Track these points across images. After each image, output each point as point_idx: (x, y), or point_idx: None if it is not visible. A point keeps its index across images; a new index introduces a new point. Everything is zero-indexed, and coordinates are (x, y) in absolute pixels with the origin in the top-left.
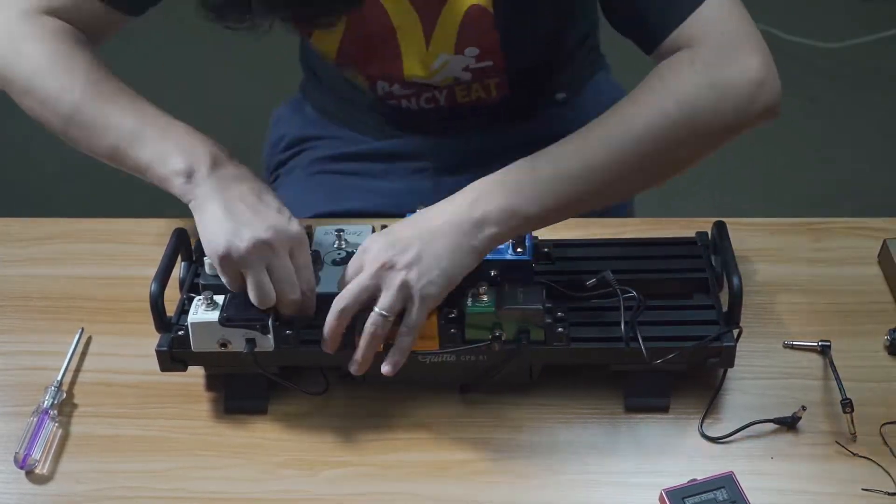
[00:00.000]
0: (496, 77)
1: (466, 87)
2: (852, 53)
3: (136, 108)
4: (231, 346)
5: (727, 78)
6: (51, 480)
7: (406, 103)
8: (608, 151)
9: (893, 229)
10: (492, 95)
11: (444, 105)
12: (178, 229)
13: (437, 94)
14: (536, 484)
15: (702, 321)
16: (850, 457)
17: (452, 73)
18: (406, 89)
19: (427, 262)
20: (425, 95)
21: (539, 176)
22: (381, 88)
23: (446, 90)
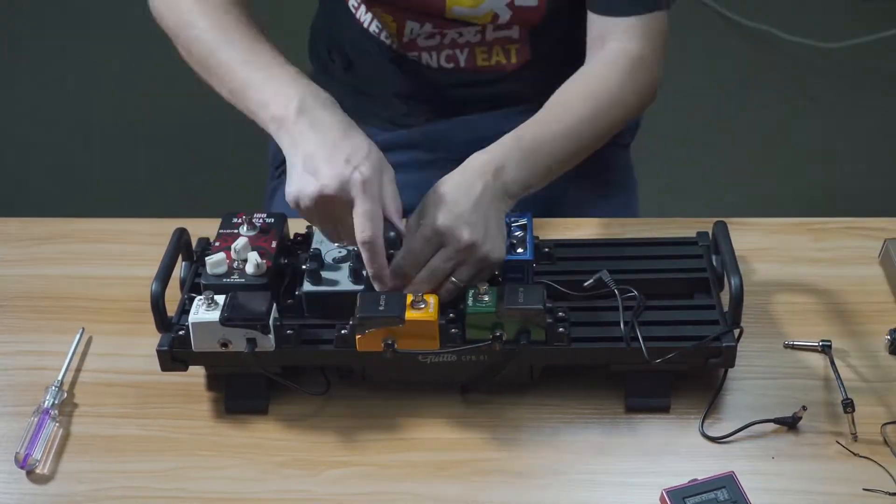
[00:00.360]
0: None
1: (488, 48)
2: (852, 53)
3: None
4: (232, 346)
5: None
6: (51, 480)
7: (426, 58)
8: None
9: (893, 229)
10: (511, 62)
11: (463, 67)
12: (178, 229)
13: (459, 54)
14: (537, 484)
15: (702, 321)
16: (851, 456)
17: (496, 5)
18: (433, 37)
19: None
20: (447, 52)
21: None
22: (408, 32)
23: (468, 50)
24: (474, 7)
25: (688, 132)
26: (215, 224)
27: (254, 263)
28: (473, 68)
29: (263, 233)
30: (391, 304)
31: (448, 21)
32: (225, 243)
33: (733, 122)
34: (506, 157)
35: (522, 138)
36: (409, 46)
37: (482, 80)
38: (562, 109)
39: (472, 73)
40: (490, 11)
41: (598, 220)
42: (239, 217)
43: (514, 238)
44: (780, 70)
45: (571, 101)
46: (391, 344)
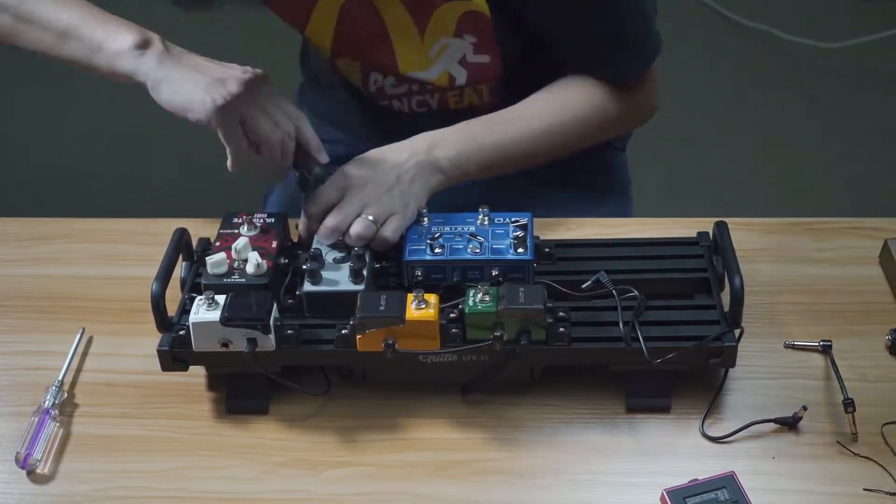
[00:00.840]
0: (490, 78)
1: (459, 91)
2: (852, 53)
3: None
4: (232, 346)
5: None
6: (52, 480)
7: (398, 105)
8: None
9: (893, 229)
10: (484, 101)
11: (435, 110)
12: (179, 229)
13: (430, 99)
14: (537, 484)
15: (703, 321)
16: (852, 457)
17: (448, 65)
18: (399, 86)
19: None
20: (417, 98)
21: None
22: (373, 83)
23: (438, 94)
24: (427, 69)
25: (688, 132)
26: (215, 224)
27: (254, 263)
28: (446, 110)
29: (264, 233)
30: (392, 304)
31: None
32: (225, 243)
33: (733, 122)
34: (446, 136)
35: (471, 126)
36: (378, 95)
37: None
38: (520, 115)
39: (447, 114)
40: (445, 72)
41: (598, 220)
42: (239, 217)
43: (515, 238)
44: (780, 70)
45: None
46: (392, 344)
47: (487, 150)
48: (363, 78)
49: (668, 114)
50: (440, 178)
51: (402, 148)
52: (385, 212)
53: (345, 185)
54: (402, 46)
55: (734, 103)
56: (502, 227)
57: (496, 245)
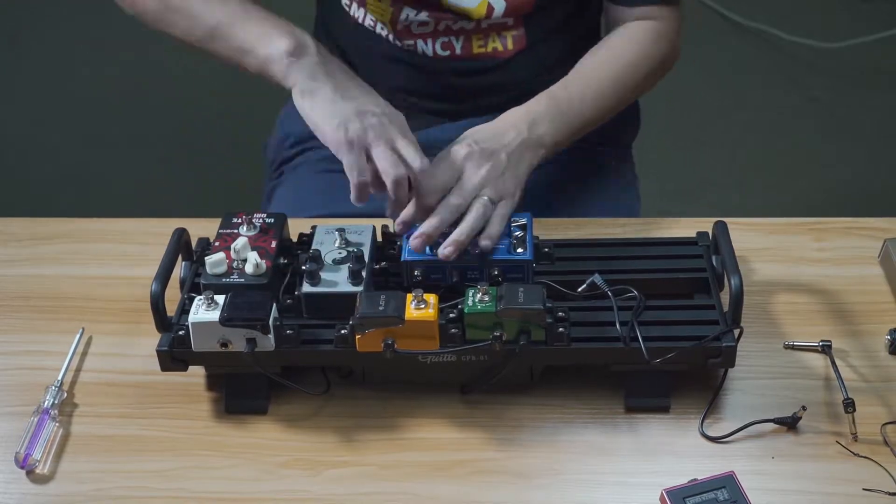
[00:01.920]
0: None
1: (484, 35)
2: (852, 53)
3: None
4: (232, 346)
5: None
6: (51, 480)
7: (422, 46)
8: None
9: (893, 229)
10: (507, 48)
11: (459, 54)
12: (178, 229)
13: (454, 41)
14: (537, 484)
15: (703, 321)
16: (851, 457)
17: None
18: (430, 20)
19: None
20: (442, 39)
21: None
22: (403, 18)
23: (463, 37)
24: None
25: (688, 132)
26: (215, 224)
27: (253, 263)
28: (469, 56)
29: (263, 233)
30: (391, 304)
31: (444, 11)
32: (225, 243)
33: (734, 122)
34: (540, 113)
35: (555, 96)
36: (403, 34)
37: (479, 68)
38: (589, 73)
39: (469, 60)
40: (484, 2)
41: (598, 220)
42: (239, 217)
43: (514, 238)
44: (780, 70)
45: (597, 66)
46: (391, 344)
47: (574, 118)
48: (394, 13)
49: (668, 113)
50: (542, 154)
51: (504, 127)
52: (499, 195)
53: (461, 166)
54: None
55: (734, 103)
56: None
57: (495, 245)
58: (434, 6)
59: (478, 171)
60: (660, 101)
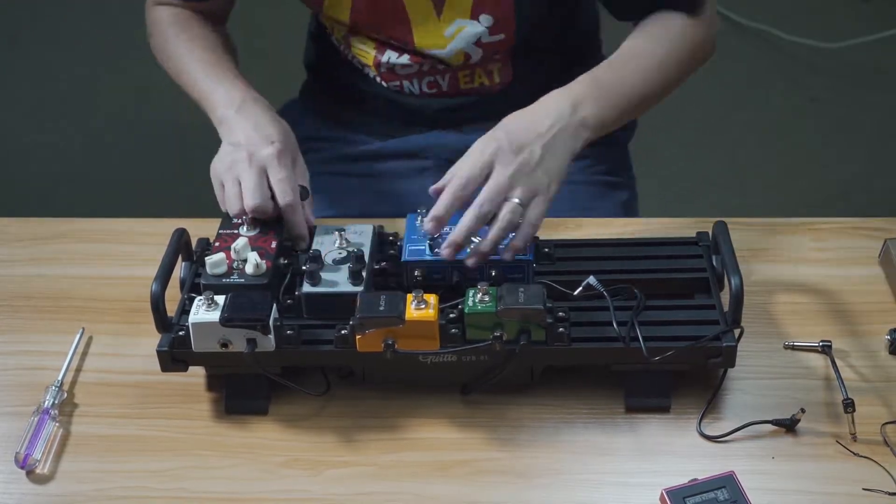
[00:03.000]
0: (502, 59)
1: (470, 72)
2: (852, 53)
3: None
4: (232, 347)
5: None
6: (51, 480)
7: (408, 86)
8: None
9: (893, 229)
10: (494, 82)
11: (446, 91)
12: (178, 229)
13: (440, 80)
14: (537, 484)
15: (703, 321)
16: (851, 457)
17: (464, 45)
18: (411, 66)
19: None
20: (427, 79)
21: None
22: (386, 61)
23: (449, 75)
24: (442, 48)
25: (688, 132)
26: (215, 224)
27: (253, 263)
28: (457, 92)
29: (263, 233)
30: (391, 304)
31: (424, 56)
32: (225, 243)
33: (733, 122)
34: (583, 93)
35: (599, 78)
36: (388, 76)
37: (468, 104)
38: (631, 56)
39: (456, 96)
40: (460, 52)
41: (598, 220)
42: (239, 217)
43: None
44: (780, 70)
45: (640, 47)
46: (391, 344)
47: (619, 99)
48: (377, 56)
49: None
50: (587, 137)
51: (543, 113)
52: (531, 193)
53: (490, 162)
54: (418, 25)
55: (734, 103)
56: None
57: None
58: (413, 52)
59: (506, 171)
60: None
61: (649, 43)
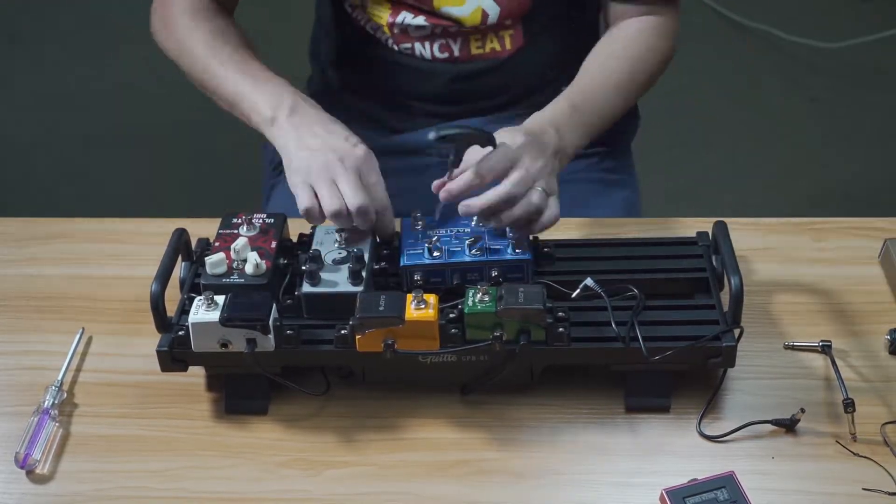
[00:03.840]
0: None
1: (482, 36)
2: (852, 53)
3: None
4: (232, 347)
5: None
6: (51, 480)
7: (420, 49)
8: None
9: (893, 229)
10: (505, 48)
11: (457, 56)
12: (178, 229)
13: (452, 44)
14: (537, 484)
15: (703, 321)
16: (851, 456)
17: (482, 1)
18: (428, 24)
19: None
20: (440, 42)
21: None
22: (401, 22)
23: (461, 39)
24: (460, 5)
25: (688, 132)
26: (215, 224)
27: (253, 263)
28: (468, 57)
29: (263, 233)
30: (391, 304)
31: (440, 17)
32: (224, 243)
33: (733, 122)
34: (565, 122)
35: (575, 104)
36: (401, 38)
37: (478, 69)
38: (601, 72)
39: (468, 62)
40: (478, 8)
41: (598, 220)
42: (239, 217)
43: (513, 238)
44: (780, 70)
45: (607, 64)
46: (391, 344)
47: (594, 122)
48: (391, 17)
49: (668, 113)
50: (564, 163)
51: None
52: (550, 190)
53: (517, 155)
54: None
55: (734, 103)
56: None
57: (494, 245)
58: (430, 12)
59: (535, 163)
60: (660, 101)
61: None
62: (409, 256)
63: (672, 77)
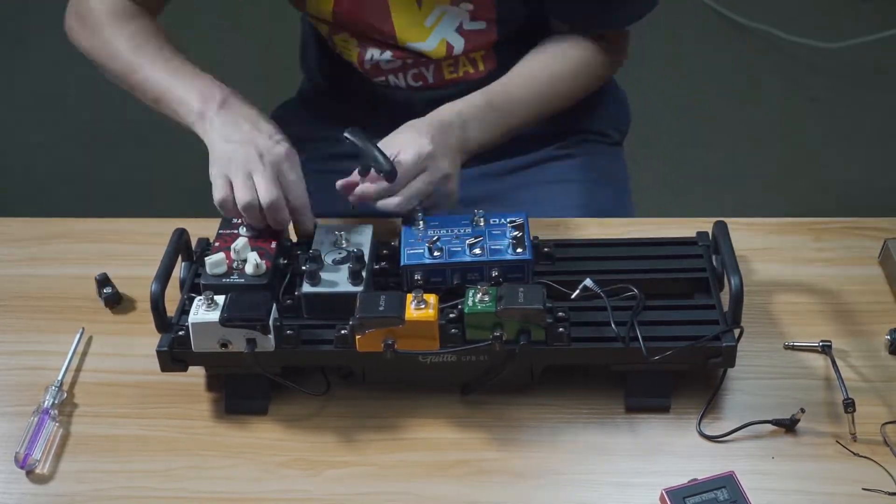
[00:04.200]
0: (486, 45)
1: (454, 61)
2: (852, 53)
3: (167, 66)
4: (232, 347)
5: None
6: (51, 480)
7: (394, 80)
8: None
9: (893, 229)
10: (479, 70)
11: (431, 82)
12: (178, 229)
13: (425, 72)
14: (537, 484)
15: (703, 321)
16: (851, 456)
17: (446, 34)
18: (396, 58)
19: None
20: (412, 72)
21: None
22: (369, 59)
23: (433, 66)
24: (424, 40)
25: (688, 132)
26: (215, 224)
27: (253, 264)
28: (443, 82)
29: (263, 233)
30: (391, 304)
31: (406, 51)
32: (224, 243)
33: (733, 122)
34: (473, 115)
35: (491, 99)
36: (374, 72)
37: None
38: (527, 75)
39: (443, 87)
40: (442, 41)
41: (598, 220)
42: (247, 212)
43: (513, 238)
44: (780, 70)
45: (537, 70)
46: (391, 344)
47: (506, 121)
48: (360, 54)
49: (667, 113)
50: (464, 157)
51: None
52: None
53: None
54: (399, 16)
55: (734, 103)
56: (499, 228)
57: (494, 246)
58: (396, 47)
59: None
60: (660, 100)
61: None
62: (410, 256)
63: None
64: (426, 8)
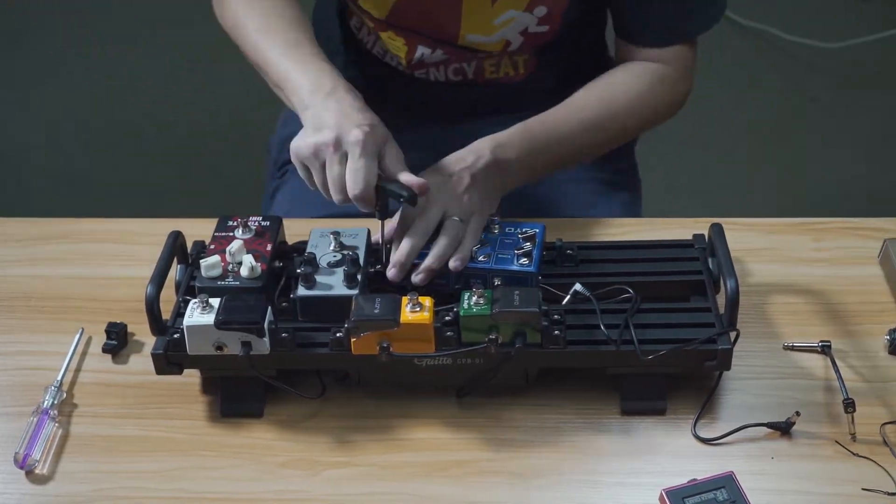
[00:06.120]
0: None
1: (497, 61)
2: (852, 53)
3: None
4: (227, 350)
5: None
6: (51, 480)
7: (435, 74)
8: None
9: (893, 229)
10: (518, 72)
11: (471, 78)
12: (173, 232)
13: (466, 67)
14: (536, 484)
15: (699, 323)
16: (850, 457)
17: (510, 35)
18: (443, 55)
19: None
20: (454, 66)
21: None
22: (418, 55)
23: (475, 63)
24: (488, 35)
25: (688, 132)
26: (215, 224)
27: (248, 266)
28: (482, 81)
29: (258, 236)
30: (386, 307)
31: (459, 48)
32: (220, 246)
33: (733, 122)
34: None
35: (529, 126)
36: (416, 66)
37: (490, 93)
38: (576, 110)
39: (480, 85)
40: (503, 40)
41: (598, 220)
42: (234, 220)
43: (520, 250)
44: (780, 70)
45: (588, 103)
46: (386, 347)
47: (549, 148)
48: (409, 52)
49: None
50: (510, 179)
51: (467, 152)
52: (467, 211)
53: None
54: (470, 14)
55: (734, 103)
56: (511, 237)
57: (501, 255)
58: (450, 45)
59: (438, 193)
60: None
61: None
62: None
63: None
64: (499, 9)
